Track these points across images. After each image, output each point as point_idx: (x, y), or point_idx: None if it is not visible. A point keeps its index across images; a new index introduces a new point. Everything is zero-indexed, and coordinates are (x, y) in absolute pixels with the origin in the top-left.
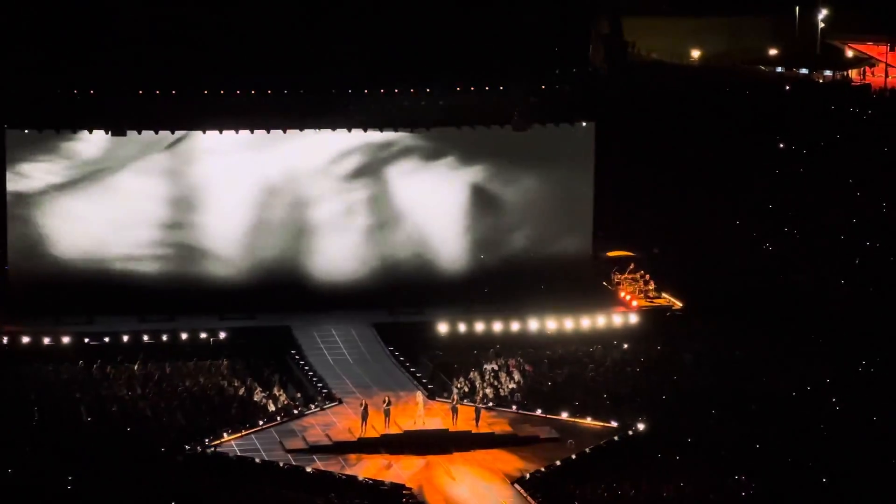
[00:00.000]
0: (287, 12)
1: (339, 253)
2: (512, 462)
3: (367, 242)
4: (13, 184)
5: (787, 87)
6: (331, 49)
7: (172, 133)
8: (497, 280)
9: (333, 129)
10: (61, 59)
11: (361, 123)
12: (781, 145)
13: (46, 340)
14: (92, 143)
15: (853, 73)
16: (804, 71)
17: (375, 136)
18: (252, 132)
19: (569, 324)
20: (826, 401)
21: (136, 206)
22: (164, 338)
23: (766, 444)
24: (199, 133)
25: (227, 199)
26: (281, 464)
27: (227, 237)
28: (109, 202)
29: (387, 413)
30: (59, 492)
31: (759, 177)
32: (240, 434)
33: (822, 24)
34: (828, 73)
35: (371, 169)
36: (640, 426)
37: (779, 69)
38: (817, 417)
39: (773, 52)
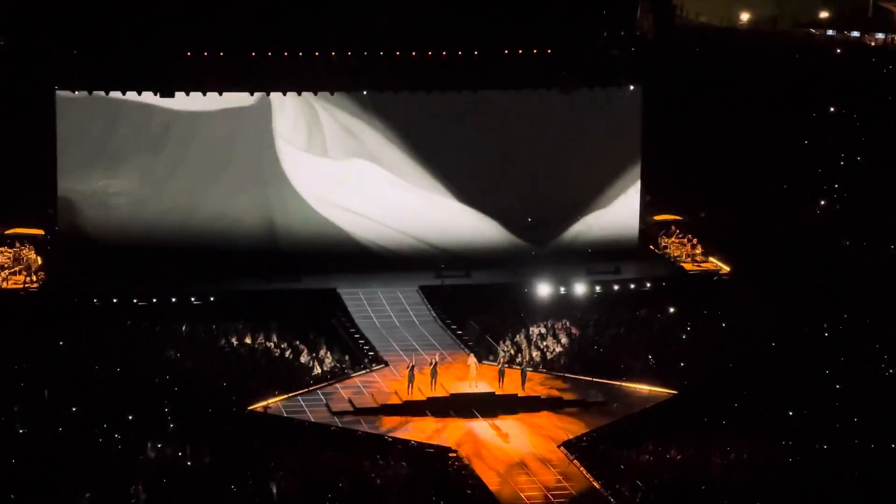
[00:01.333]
0: None
1: (386, 215)
2: (558, 425)
3: (414, 205)
4: (64, 144)
5: (838, 51)
6: (380, 11)
7: (220, 95)
8: (543, 243)
9: (381, 90)
10: (111, 20)
11: (406, 85)
12: (831, 109)
13: (95, 301)
14: (144, 104)
15: None
16: (855, 34)
17: (421, 97)
18: (299, 94)
19: (615, 287)
20: (873, 367)
21: (186, 169)
22: (212, 299)
23: (812, 410)
24: (245, 95)
25: (278, 164)
26: (327, 426)
27: (275, 200)
28: (159, 164)
29: (433, 376)
30: (102, 447)
31: (808, 141)
32: (286, 396)
33: None
34: (879, 36)
35: (417, 131)
36: (687, 390)
37: (829, 32)
38: (865, 384)
39: (823, 14)
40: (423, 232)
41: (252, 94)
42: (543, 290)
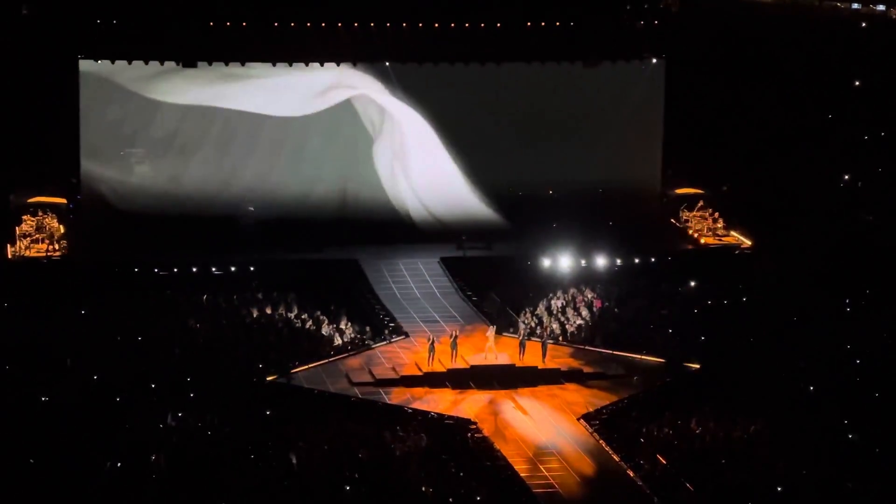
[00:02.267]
0: None
1: (408, 187)
2: (578, 398)
3: (435, 177)
4: (86, 115)
5: (863, 24)
6: None
7: (243, 65)
8: (566, 216)
9: (404, 62)
10: None
11: (429, 56)
12: (856, 83)
13: (117, 270)
14: (165, 75)
15: None
16: (881, 8)
17: (444, 69)
18: (322, 64)
19: (637, 261)
20: (893, 342)
21: (208, 139)
22: (233, 269)
23: (836, 386)
24: (268, 66)
25: (298, 134)
26: (347, 396)
27: (297, 171)
28: (179, 134)
29: (454, 347)
30: (123, 416)
31: (831, 115)
32: (307, 366)
33: None
34: None
35: (439, 103)
36: (707, 364)
37: (854, 6)
38: (886, 359)
39: None
40: (443, 204)
41: (274, 65)
42: (564, 262)
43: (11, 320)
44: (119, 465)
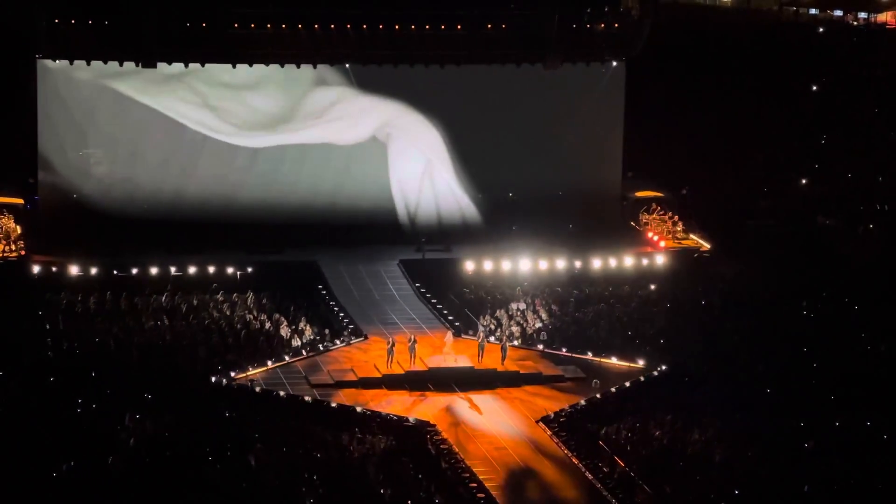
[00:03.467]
0: None
1: (367, 189)
2: (537, 401)
3: (394, 178)
4: (44, 115)
5: (821, 29)
6: None
7: (203, 66)
8: (525, 219)
9: (364, 63)
10: None
11: (389, 58)
12: (814, 87)
13: (74, 271)
14: (124, 74)
15: (888, 16)
16: (838, 13)
17: (404, 71)
18: (282, 66)
19: (596, 263)
20: (853, 342)
21: (164, 139)
22: (192, 271)
23: (793, 385)
24: (227, 66)
25: (254, 133)
26: (306, 398)
27: (255, 170)
28: (138, 135)
29: (412, 350)
30: (80, 418)
31: (790, 119)
32: (265, 368)
33: None
34: (862, 15)
35: (399, 105)
36: (666, 367)
37: (812, 11)
38: (843, 358)
39: None
40: (404, 205)
41: (234, 67)
42: (524, 265)
43: None
44: (75, 466)
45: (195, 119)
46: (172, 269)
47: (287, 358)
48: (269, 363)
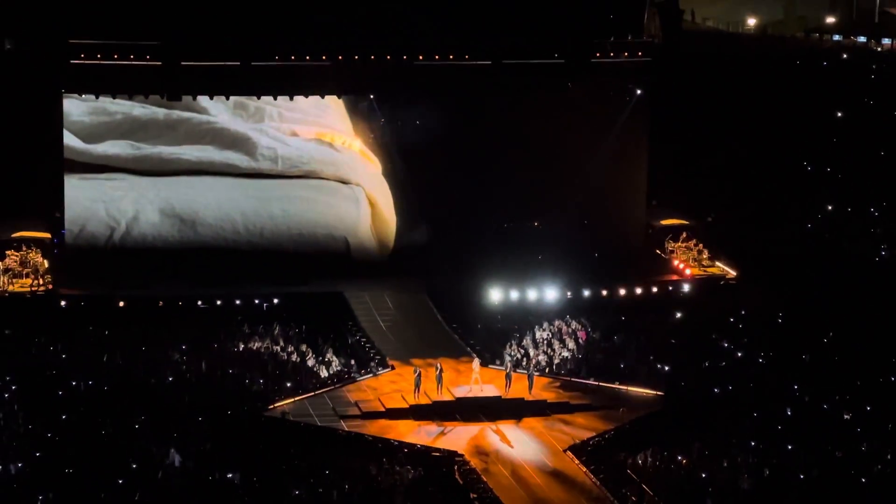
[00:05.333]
0: None
1: (391, 218)
2: (564, 429)
3: (420, 209)
4: (71, 148)
5: (844, 56)
6: (388, 16)
7: (227, 99)
8: (551, 247)
9: (387, 94)
10: (118, 23)
11: (411, 89)
12: (839, 114)
13: (102, 304)
14: (148, 109)
15: None
16: (862, 39)
17: (428, 101)
18: (306, 97)
19: (622, 292)
20: (883, 369)
21: (191, 173)
22: (218, 303)
23: (821, 414)
24: (253, 99)
25: (279, 167)
26: (333, 429)
27: (279, 205)
28: (165, 169)
29: (439, 379)
30: (110, 452)
31: (815, 146)
32: (293, 399)
33: None
34: (886, 41)
35: (423, 135)
36: (694, 395)
37: (836, 37)
38: (874, 386)
39: (829, 20)
40: (429, 235)
41: (258, 98)
42: (550, 294)
43: None
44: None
45: (218, 152)
46: (199, 302)
47: (314, 389)
48: (297, 394)
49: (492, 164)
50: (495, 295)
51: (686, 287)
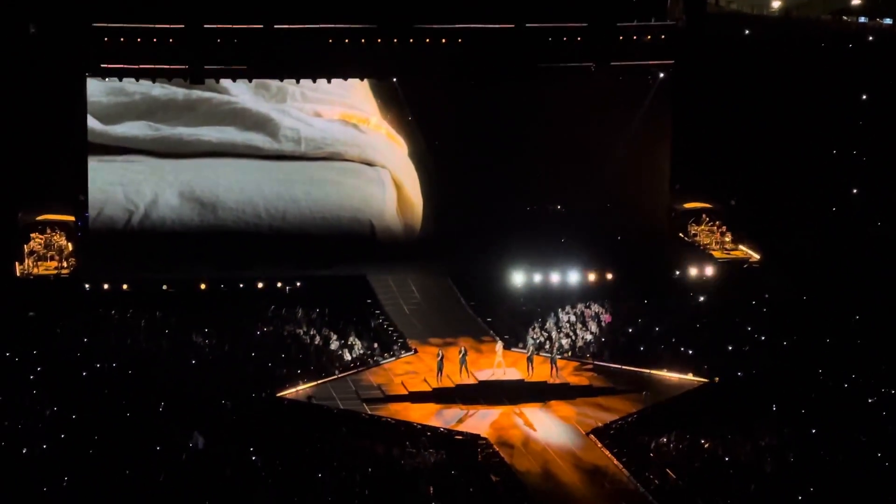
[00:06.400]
0: None
1: (418, 202)
2: (587, 413)
3: (441, 191)
4: (94, 131)
5: (870, 38)
6: None
7: (250, 82)
8: (574, 230)
9: (410, 77)
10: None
11: (434, 71)
12: (864, 97)
13: (125, 287)
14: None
15: None
16: (888, 21)
17: (450, 83)
18: (329, 81)
19: (645, 275)
20: None
21: (212, 155)
22: (241, 286)
23: (845, 399)
24: (275, 82)
25: (302, 149)
26: (356, 413)
27: (303, 188)
28: (185, 151)
29: (462, 363)
30: (134, 434)
31: (840, 128)
32: (315, 383)
33: None
34: None
35: (445, 118)
36: (717, 378)
37: (861, 19)
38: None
39: (855, 2)
40: (450, 217)
41: (282, 80)
42: (573, 277)
43: (21, 337)
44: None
45: (238, 135)
46: (222, 286)
47: (337, 372)
48: (320, 378)
49: (516, 148)
50: (518, 278)
51: (709, 271)
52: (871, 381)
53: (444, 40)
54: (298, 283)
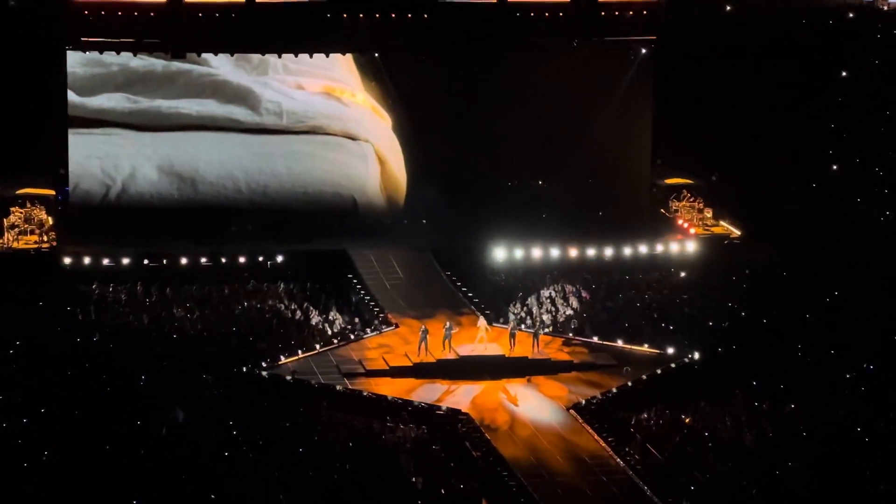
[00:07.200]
0: None
1: (402, 176)
2: (568, 388)
3: (423, 166)
4: (71, 104)
5: (850, 15)
6: None
7: (232, 55)
8: (555, 206)
9: (390, 52)
10: None
11: (414, 46)
12: (844, 73)
13: (106, 261)
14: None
15: None
16: None
17: (430, 58)
18: (311, 56)
19: (626, 251)
20: (887, 329)
21: (191, 128)
22: (223, 260)
23: (823, 374)
24: (258, 56)
25: (284, 122)
26: (337, 387)
27: (284, 162)
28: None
29: (447, 337)
30: (114, 409)
31: (819, 104)
32: (297, 357)
33: None
34: (892, 0)
35: (426, 93)
36: (697, 354)
37: None
38: (876, 347)
39: None
40: (434, 194)
41: (263, 55)
42: (553, 252)
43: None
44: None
45: (220, 108)
46: (203, 259)
47: (318, 347)
48: (300, 352)
49: (497, 123)
50: (500, 253)
51: (690, 246)
52: (849, 356)
53: (425, 15)
54: (280, 258)
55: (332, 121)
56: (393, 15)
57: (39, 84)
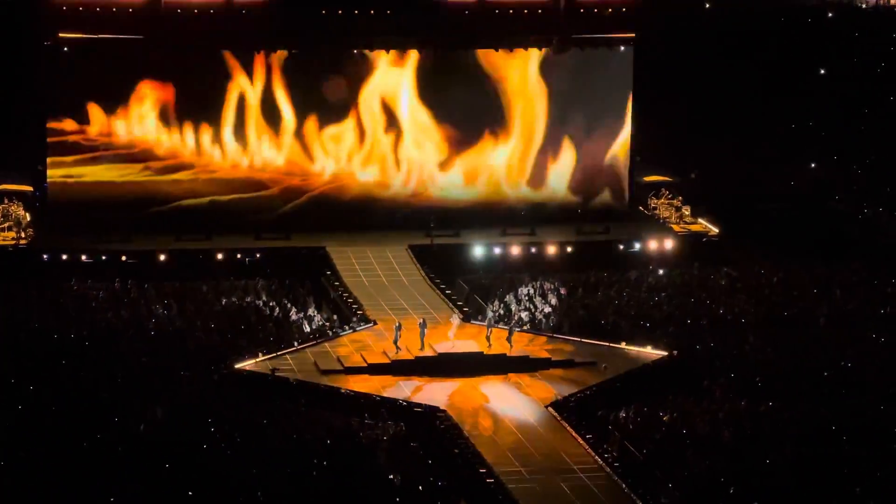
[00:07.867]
0: None
1: (377, 174)
2: (546, 385)
3: (403, 163)
4: (53, 103)
5: (830, 14)
6: None
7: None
8: (534, 203)
9: (373, 48)
10: None
11: (399, 43)
12: (822, 71)
13: (84, 258)
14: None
15: None
16: None
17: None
18: (289, 53)
19: (605, 248)
20: (863, 327)
21: (173, 126)
22: (201, 257)
23: (800, 370)
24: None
25: (265, 120)
26: (315, 384)
27: (264, 157)
28: (147, 121)
29: (422, 335)
30: (93, 405)
31: (799, 103)
32: (275, 354)
33: None
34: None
35: (407, 89)
36: (675, 351)
37: None
38: (853, 344)
39: None
40: (412, 189)
41: (250, 53)
42: (532, 249)
43: None
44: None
45: (200, 105)
46: (181, 256)
47: (296, 344)
48: (279, 349)
49: (475, 120)
50: (478, 250)
51: (668, 244)
52: (827, 354)
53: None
54: (258, 255)
55: None
56: (371, 11)
57: (17, 80)
